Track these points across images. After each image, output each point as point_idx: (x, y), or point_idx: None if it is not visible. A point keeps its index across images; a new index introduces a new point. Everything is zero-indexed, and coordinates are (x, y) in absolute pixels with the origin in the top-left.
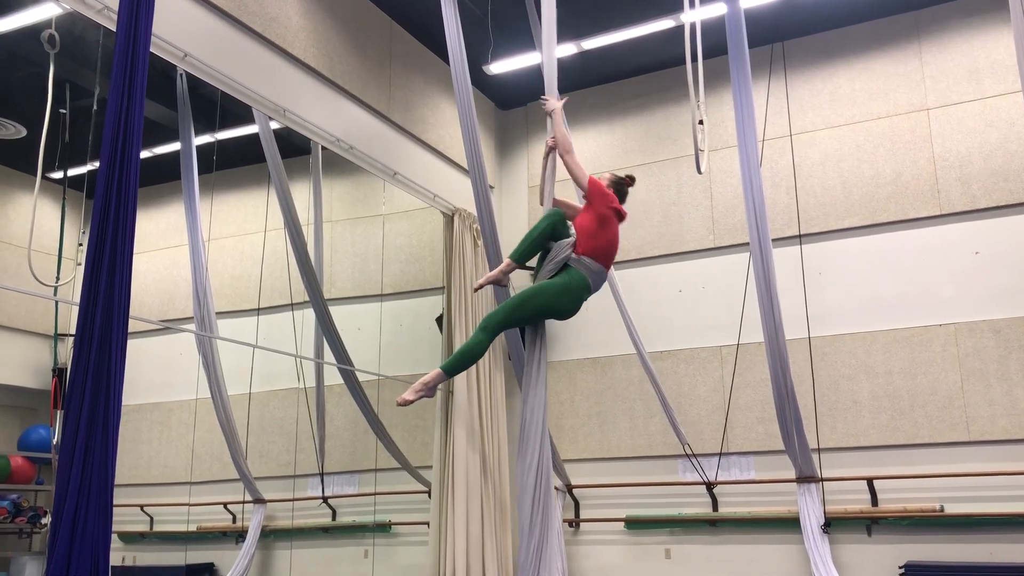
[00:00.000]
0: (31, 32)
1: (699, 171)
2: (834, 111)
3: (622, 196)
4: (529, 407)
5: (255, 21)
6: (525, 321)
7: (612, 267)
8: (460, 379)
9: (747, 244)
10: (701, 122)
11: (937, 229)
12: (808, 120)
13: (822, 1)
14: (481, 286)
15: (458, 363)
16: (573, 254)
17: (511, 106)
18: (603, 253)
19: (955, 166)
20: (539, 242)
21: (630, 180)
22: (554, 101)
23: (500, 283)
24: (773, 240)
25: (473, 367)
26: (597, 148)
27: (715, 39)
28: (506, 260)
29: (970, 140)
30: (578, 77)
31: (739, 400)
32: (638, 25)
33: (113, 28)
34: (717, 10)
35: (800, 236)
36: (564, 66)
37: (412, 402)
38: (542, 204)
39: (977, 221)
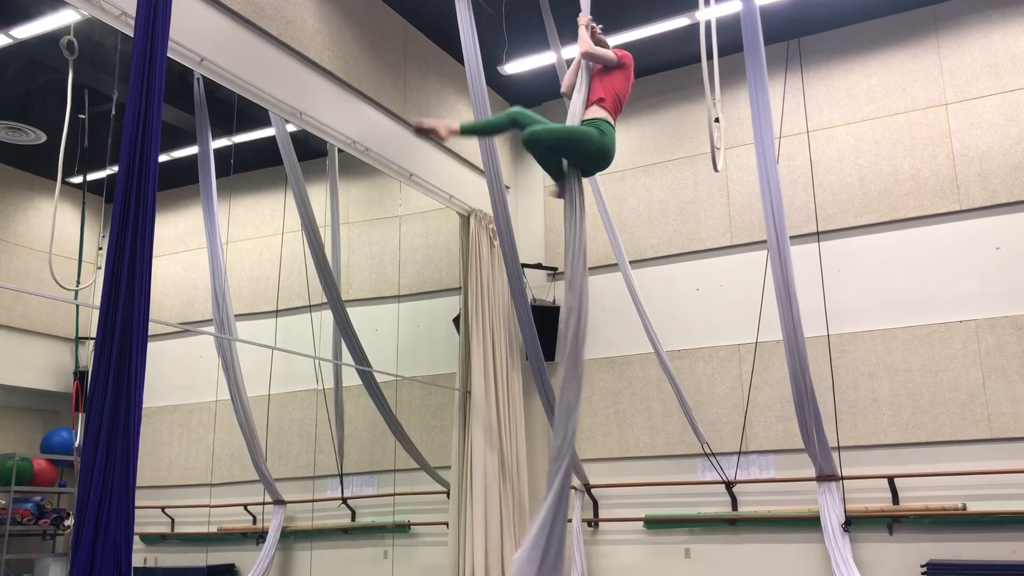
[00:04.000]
0: (50, 39)
1: (716, 169)
2: (851, 107)
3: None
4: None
5: (271, 25)
6: (553, 149)
7: (629, 265)
8: (478, 379)
9: (765, 242)
10: (717, 120)
11: (957, 225)
12: (825, 116)
13: None
14: (420, 126)
15: (475, 127)
16: (611, 120)
17: (526, 106)
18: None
19: (975, 161)
20: (490, 131)
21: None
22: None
23: (437, 134)
24: (791, 237)
25: (491, 367)
26: None
27: (731, 36)
28: (457, 124)
29: (990, 135)
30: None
31: (758, 399)
32: (653, 23)
33: (131, 34)
34: (732, 7)
35: (818, 233)
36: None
37: (425, 129)
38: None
39: (998, 216)
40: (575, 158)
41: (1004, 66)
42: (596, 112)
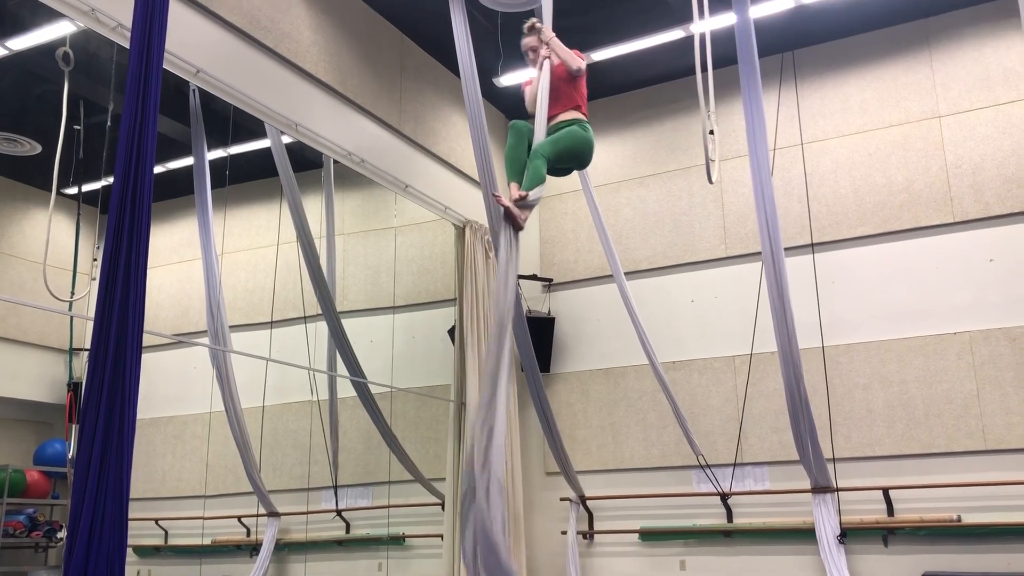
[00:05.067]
0: (46, 50)
1: (710, 181)
2: (845, 120)
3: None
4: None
5: (267, 36)
6: (557, 159)
7: (624, 276)
8: (472, 391)
9: (759, 253)
10: (712, 132)
11: (951, 237)
12: (819, 129)
13: (831, 10)
14: (501, 202)
15: (521, 173)
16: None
17: (522, 118)
18: None
19: (968, 173)
20: (523, 155)
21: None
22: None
23: (516, 218)
24: (785, 249)
25: None
26: (608, 159)
27: (725, 49)
28: (514, 188)
29: (983, 147)
30: (588, 88)
31: (753, 410)
32: (648, 36)
33: (127, 45)
34: (727, 20)
35: (812, 245)
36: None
37: (506, 207)
38: (530, 110)
39: (991, 228)
40: (569, 164)
41: (996, 79)
42: (576, 115)
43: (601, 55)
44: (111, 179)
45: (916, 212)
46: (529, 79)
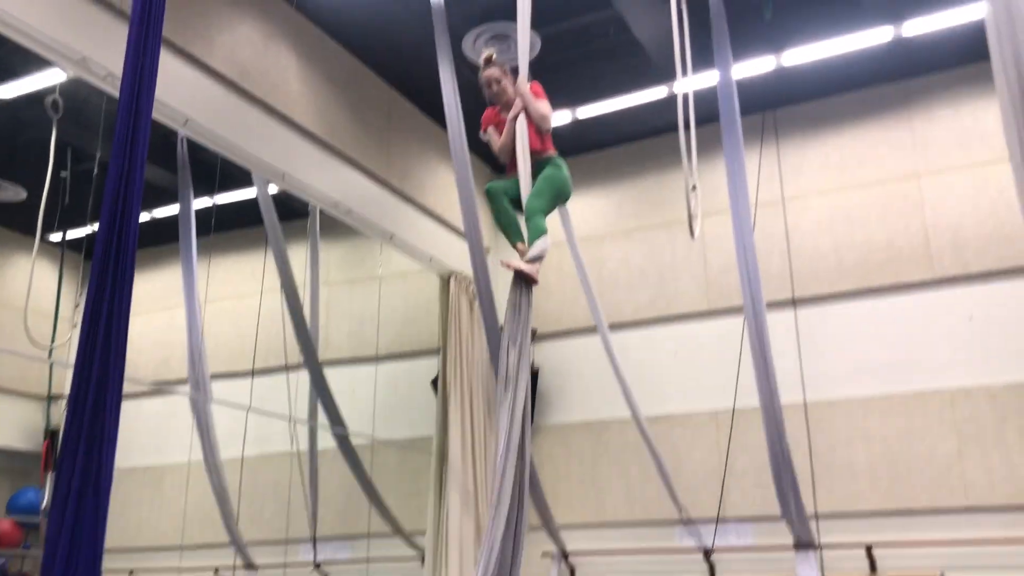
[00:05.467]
0: (35, 97)
1: (692, 236)
2: (826, 177)
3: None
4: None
5: (256, 88)
6: (551, 207)
7: (608, 329)
8: (455, 443)
9: (741, 308)
10: (694, 188)
11: (931, 294)
12: (800, 186)
13: (812, 71)
14: (512, 266)
15: (508, 231)
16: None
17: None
18: None
19: (947, 232)
20: (513, 214)
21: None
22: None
23: (532, 277)
24: (767, 304)
25: (469, 431)
26: (592, 213)
27: (708, 107)
28: (520, 248)
29: (961, 206)
30: (573, 144)
31: (735, 465)
32: (632, 93)
33: (116, 94)
34: (710, 79)
35: (794, 300)
36: (560, 133)
37: (517, 268)
38: (501, 159)
39: (971, 286)
40: (556, 205)
41: (974, 140)
42: (546, 152)
43: (586, 111)
44: (96, 226)
45: (897, 269)
46: (490, 114)
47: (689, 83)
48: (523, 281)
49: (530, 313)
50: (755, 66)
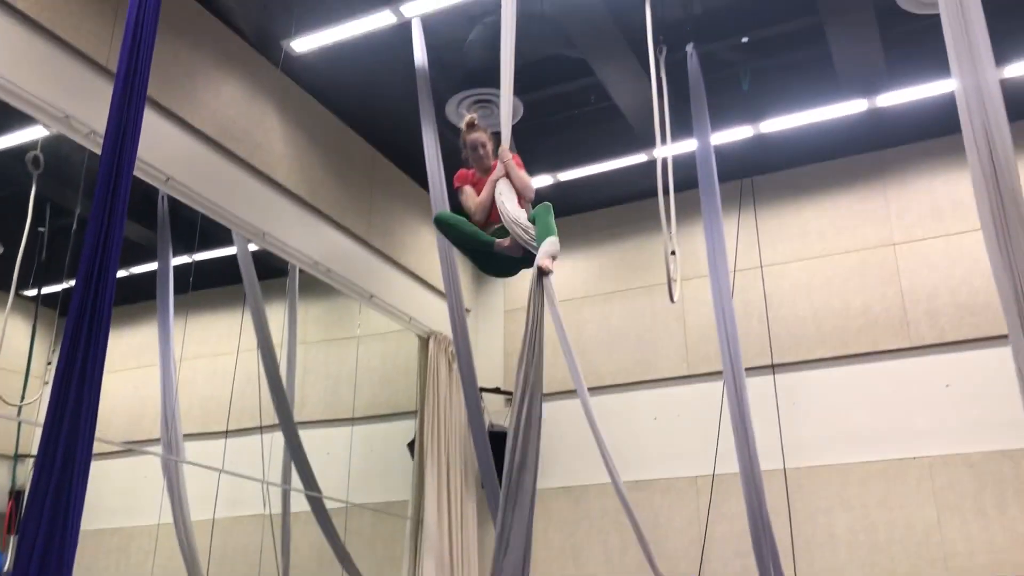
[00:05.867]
0: (16, 152)
1: (672, 300)
2: (804, 244)
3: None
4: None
5: (239, 147)
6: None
7: (587, 392)
8: (431, 507)
9: (721, 373)
10: (673, 252)
11: (908, 362)
12: (778, 253)
13: (789, 140)
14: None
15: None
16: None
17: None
18: None
19: (923, 300)
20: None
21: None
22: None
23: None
24: (746, 369)
25: (445, 495)
26: (573, 275)
27: (687, 173)
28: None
29: (936, 275)
30: (554, 207)
31: (715, 533)
32: (613, 159)
33: (99, 151)
34: (688, 146)
35: (773, 366)
36: (541, 196)
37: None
38: (481, 220)
39: (947, 354)
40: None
41: (947, 210)
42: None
43: (568, 175)
44: (72, 282)
45: (874, 336)
46: (466, 174)
47: (668, 150)
48: (539, 273)
49: (545, 305)
50: (733, 134)
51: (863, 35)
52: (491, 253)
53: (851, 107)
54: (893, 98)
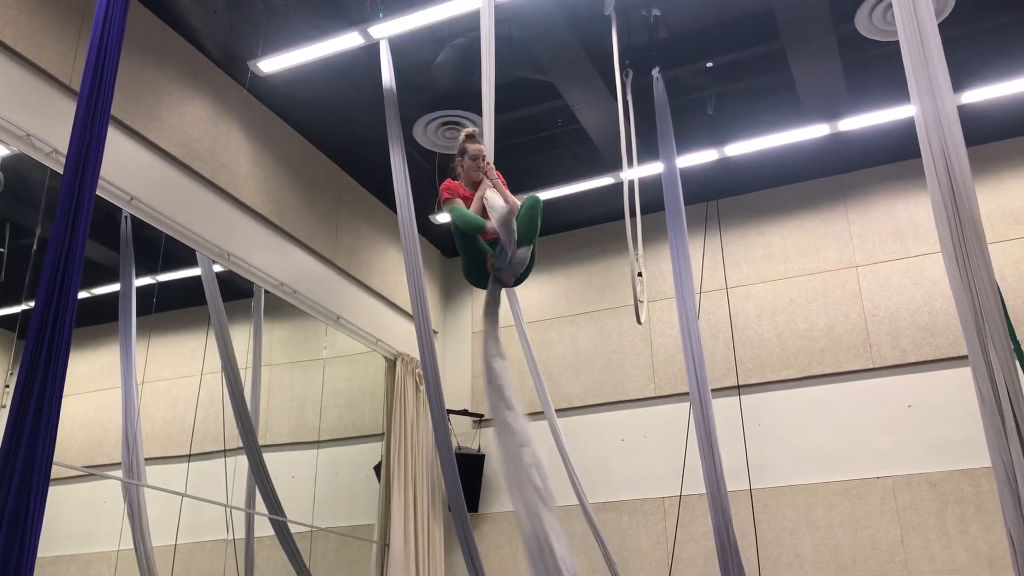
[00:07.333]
0: None
1: (639, 321)
2: (768, 266)
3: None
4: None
5: (204, 167)
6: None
7: (555, 414)
8: (397, 531)
9: (687, 394)
10: (640, 274)
11: (871, 382)
12: (743, 274)
13: (753, 164)
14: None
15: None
16: None
17: (456, 254)
18: None
19: (884, 321)
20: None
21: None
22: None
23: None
24: (712, 390)
25: (412, 518)
26: (540, 297)
27: (653, 195)
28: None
29: (897, 296)
30: None
31: (682, 554)
32: (579, 181)
33: (60, 171)
34: (655, 169)
35: (739, 387)
36: None
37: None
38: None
39: (908, 375)
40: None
41: (908, 233)
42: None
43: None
44: (32, 303)
45: (837, 357)
46: (454, 186)
47: (635, 172)
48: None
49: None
50: (699, 157)
51: (825, 61)
52: (483, 263)
53: (813, 131)
54: (854, 123)
